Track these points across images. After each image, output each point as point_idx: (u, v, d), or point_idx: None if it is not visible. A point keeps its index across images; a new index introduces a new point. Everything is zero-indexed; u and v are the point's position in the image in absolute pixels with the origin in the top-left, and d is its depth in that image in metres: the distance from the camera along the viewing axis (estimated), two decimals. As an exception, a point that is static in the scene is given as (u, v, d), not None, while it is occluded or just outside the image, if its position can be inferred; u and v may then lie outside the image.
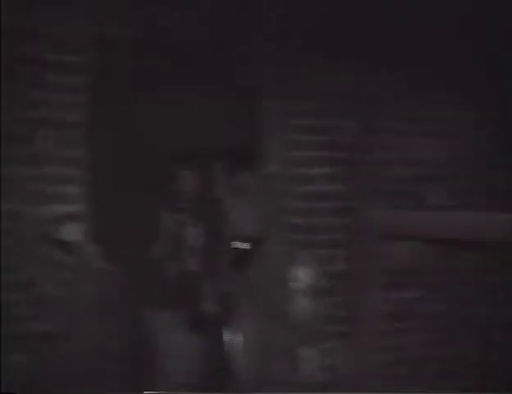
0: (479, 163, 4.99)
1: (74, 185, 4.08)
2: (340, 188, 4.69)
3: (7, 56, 3.92)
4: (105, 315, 4.13)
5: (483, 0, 4.49)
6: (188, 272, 4.78)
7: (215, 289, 4.82)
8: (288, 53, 4.55)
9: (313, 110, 4.62)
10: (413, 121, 4.79)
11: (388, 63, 4.67)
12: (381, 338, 4.71)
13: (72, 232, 4.03)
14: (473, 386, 4.69)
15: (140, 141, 4.77)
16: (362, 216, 4.66)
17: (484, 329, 4.93)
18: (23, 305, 4.01)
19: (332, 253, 4.65)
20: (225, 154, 4.90)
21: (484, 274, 4.90)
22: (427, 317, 4.79)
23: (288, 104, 4.58)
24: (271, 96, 4.60)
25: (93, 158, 4.15)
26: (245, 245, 4.81)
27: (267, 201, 4.68)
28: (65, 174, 4.07)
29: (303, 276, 4.56)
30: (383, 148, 4.75)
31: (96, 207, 4.15)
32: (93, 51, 4.06)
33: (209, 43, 4.35)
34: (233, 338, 4.94)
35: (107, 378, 4.09)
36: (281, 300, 4.59)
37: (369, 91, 4.62)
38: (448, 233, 4.27)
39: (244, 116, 4.69)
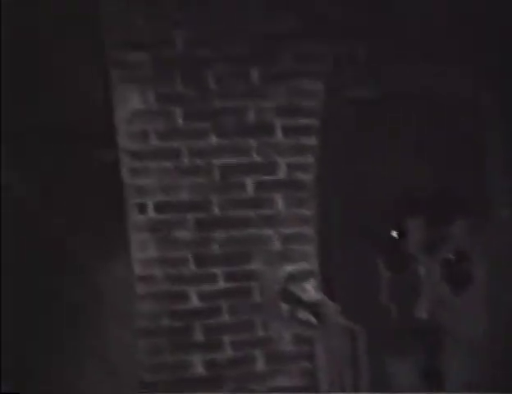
0: None
1: (308, 244, 4.24)
2: None
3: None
4: (348, 370, 4.26)
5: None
6: (418, 319, 4.80)
7: (449, 339, 4.81)
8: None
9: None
10: None
11: None
12: None
13: (310, 290, 4.18)
14: None
15: (364, 190, 4.88)
16: None
17: None
18: (261, 362, 4.21)
19: None
20: (445, 199, 4.89)
21: None
22: None
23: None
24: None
25: (321, 214, 4.30)
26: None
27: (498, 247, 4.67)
28: (299, 233, 4.24)
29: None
30: None
31: (327, 263, 4.30)
32: (324, 112, 4.22)
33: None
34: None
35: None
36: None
37: None
38: None
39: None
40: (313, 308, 4.12)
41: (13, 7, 3.86)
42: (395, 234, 4.79)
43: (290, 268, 4.18)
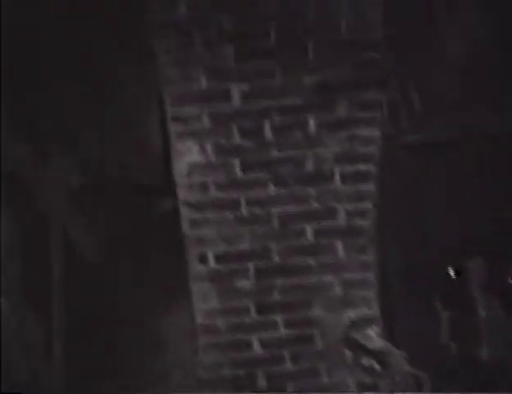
0: None
1: (369, 290, 4.23)
2: None
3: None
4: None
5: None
6: (479, 359, 4.76)
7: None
8: None
9: None
10: None
11: None
12: None
13: (373, 337, 4.17)
14: None
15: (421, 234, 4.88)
16: None
17: None
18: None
19: None
20: (504, 237, 4.86)
21: None
22: None
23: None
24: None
25: (380, 259, 4.30)
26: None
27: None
28: (360, 279, 4.24)
29: None
30: None
31: (388, 309, 4.29)
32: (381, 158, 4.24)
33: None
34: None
35: None
36: None
37: None
38: None
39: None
40: (378, 356, 4.11)
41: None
42: (452, 273, 4.77)
43: (351, 314, 4.18)
